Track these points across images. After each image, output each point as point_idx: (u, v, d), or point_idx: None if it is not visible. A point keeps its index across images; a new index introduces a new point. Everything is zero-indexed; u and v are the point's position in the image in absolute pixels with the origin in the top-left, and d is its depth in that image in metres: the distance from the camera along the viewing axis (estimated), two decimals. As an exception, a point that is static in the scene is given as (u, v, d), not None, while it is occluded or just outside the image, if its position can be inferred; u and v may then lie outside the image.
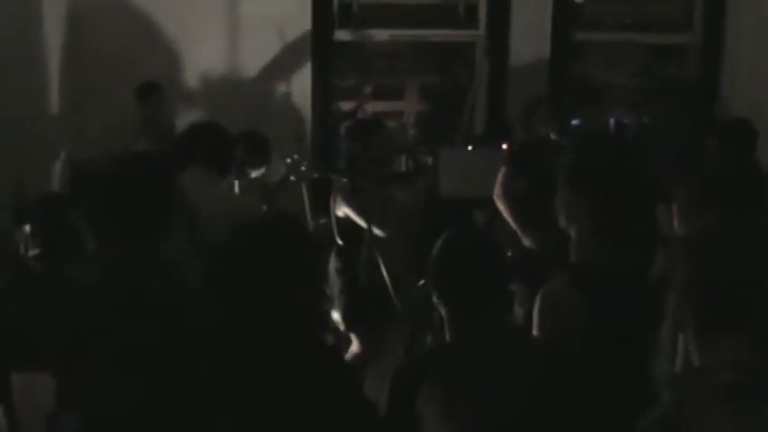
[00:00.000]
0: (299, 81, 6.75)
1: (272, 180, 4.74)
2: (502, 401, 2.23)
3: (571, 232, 2.68)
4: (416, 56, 7.78)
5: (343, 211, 4.39)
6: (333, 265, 4.49)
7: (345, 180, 4.46)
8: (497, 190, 5.07)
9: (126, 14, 6.54)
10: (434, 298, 2.43)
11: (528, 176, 4.98)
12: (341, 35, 6.91)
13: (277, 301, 2.18)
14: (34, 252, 4.38)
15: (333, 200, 4.48)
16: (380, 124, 5.01)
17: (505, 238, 5.06)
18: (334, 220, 4.48)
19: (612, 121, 7.12)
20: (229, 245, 2.29)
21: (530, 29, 6.81)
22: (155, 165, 2.81)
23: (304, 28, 6.66)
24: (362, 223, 4.28)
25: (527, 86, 6.12)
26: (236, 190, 4.69)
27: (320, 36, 6.74)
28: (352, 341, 4.63)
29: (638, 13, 7.29)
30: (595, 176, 2.65)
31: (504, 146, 5.78)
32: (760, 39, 6.74)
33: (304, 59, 6.72)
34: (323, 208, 5.03)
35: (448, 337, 2.44)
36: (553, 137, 5.07)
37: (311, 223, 5.21)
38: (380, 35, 7.08)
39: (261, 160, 5.06)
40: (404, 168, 6.31)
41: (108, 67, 6.44)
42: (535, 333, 2.55)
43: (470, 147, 6.36)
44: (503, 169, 5.07)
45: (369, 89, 7.08)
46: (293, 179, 4.86)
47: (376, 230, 4.26)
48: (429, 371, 2.31)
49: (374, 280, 4.20)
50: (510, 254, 4.93)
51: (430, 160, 6.16)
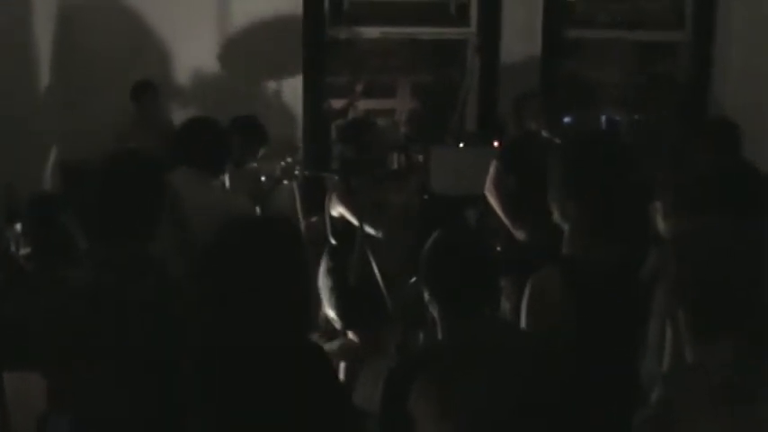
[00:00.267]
0: (290, 79, 6.75)
1: (265, 184, 4.72)
2: (495, 398, 2.24)
3: (564, 227, 2.69)
4: (408, 54, 7.79)
5: (338, 210, 4.39)
6: (325, 265, 4.49)
7: (339, 179, 4.46)
8: (488, 184, 5.09)
9: (117, 13, 6.53)
10: (426, 296, 2.44)
11: (518, 171, 5.00)
12: (332, 32, 6.91)
13: (266, 301, 2.18)
14: (25, 251, 4.37)
15: (328, 199, 4.47)
16: (372, 123, 5.00)
17: (496, 233, 5.07)
18: (328, 219, 4.47)
19: (604, 118, 7.14)
20: (218, 244, 2.29)
21: (521, 27, 6.82)
22: (146, 163, 2.80)
23: (295, 25, 6.66)
24: (356, 222, 4.28)
25: (518, 84, 6.12)
26: (228, 185, 4.66)
27: (311, 33, 6.73)
28: (342, 339, 4.63)
29: (629, 10, 7.30)
30: (587, 174, 2.65)
31: (496, 143, 5.79)
32: (751, 36, 6.76)
33: (295, 57, 6.71)
34: (315, 206, 5.03)
35: (440, 336, 2.44)
36: (545, 134, 5.07)
37: (302, 222, 5.20)
38: (371, 32, 7.07)
39: (258, 145, 5.06)
40: (396, 166, 6.30)
41: (99, 66, 6.43)
42: (523, 321, 2.56)
43: (462, 144, 6.37)
44: (494, 163, 5.09)
45: (360, 86, 7.07)
46: (286, 183, 4.86)
47: (369, 230, 4.26)
48: (422, 370, 2.32)
49: (366, 279, 4.20)
50: (499, 248, 4.95)
51: (421, 158, 6.16)
